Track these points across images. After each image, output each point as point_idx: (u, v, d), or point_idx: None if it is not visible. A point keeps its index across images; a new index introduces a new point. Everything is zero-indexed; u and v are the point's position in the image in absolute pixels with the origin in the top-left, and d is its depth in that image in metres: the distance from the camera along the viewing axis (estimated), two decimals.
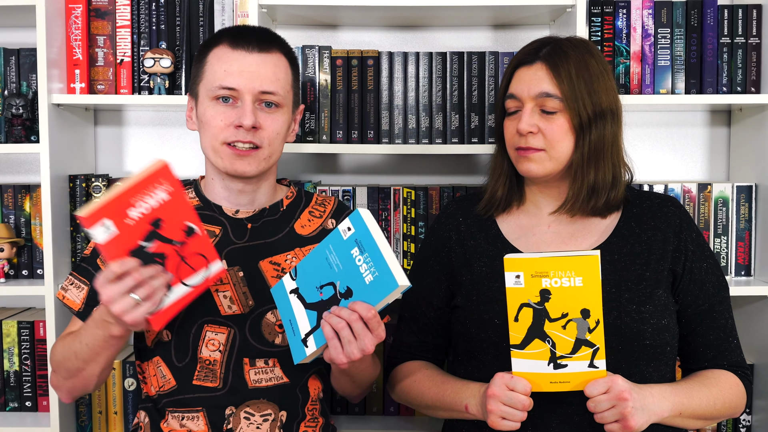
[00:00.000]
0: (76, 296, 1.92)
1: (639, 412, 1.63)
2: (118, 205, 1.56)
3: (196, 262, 1.68)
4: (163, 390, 1.87)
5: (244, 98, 1.82)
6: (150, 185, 1.59)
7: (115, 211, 1.56)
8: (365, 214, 1.63)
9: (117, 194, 1.56)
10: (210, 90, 1.85)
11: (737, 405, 1.87)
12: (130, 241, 1.59)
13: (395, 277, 1.56)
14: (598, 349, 1.61)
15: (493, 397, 1.66)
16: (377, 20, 2.72)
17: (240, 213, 1.94)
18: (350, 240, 1.63)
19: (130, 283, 1.56)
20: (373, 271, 1.59)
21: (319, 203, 2.03)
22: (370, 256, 1.59)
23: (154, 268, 1.59)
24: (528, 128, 1.81)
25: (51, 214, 2.40)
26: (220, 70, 1.84)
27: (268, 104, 1.85)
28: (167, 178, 1.61)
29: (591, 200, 1.85)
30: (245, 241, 1.91)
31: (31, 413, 2.57)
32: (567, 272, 1.59)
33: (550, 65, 1.82)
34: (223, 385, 1.83)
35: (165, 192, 1.60)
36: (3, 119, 2.51)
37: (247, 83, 1.82)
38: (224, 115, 1.83)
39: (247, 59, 1.84)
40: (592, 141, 1.82)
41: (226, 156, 1.84)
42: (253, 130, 1.82)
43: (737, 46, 2.52)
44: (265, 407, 1.84)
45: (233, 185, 1.92)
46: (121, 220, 1.57)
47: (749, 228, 2.56)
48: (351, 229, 1.63)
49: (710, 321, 1.87)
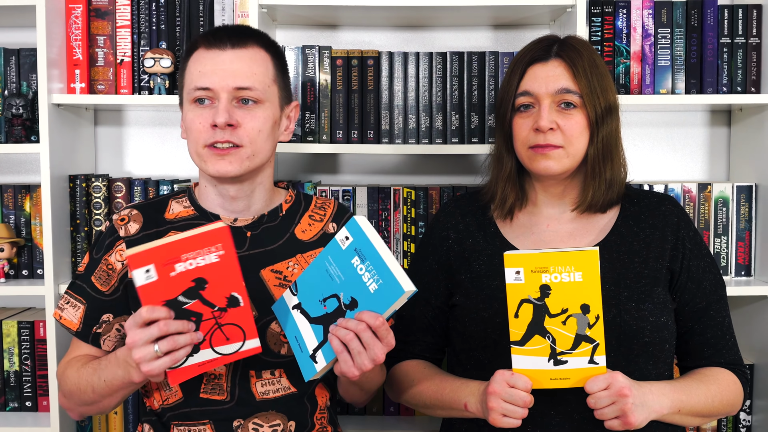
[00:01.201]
0: (73, 316, 1.86)
1: (639, 409, 1.63)
2: (166, 254, 1.52)
3: (232, 332, 1.61)
4: (167, 403, 1.83)
5: (219, 97, 1.76)
6: (204, 244, 1.53)
7: (162, 259, 1.52)
8: (362, 221, 1.60)
9: (169, 243, 1.52)
10: (188, 93, 1.80)
11: (735, 402, 1.87)
12: (168, 292, 1.55)
13: (400, 284, 1.53)
14: (598, 345, 1.61)
15: (493, 395, 1.65)
16: (377, 20, 2.72)
17: (238, 221, 1.88)
18: (349, 249, 1.59)
19: (155, 333, 1.52)
20: (377, 279, 1.56)
21: (319, 206, 1.98)
22: (372, 264, 1.56)
23: (183, 324, 1.54)
24: (549, 125, 1.79)
25: (51, 214, 2.41)
26: (196, 72, 1.79)
27: (245, 101, 1.79)
28: (224, 241, 1.54)
29: (607, 195, 1.86)
30: (245, 250, 1.84)
31: (31, 413, 2.57)
32: (567, 267, 1.59)
33: (567, 62, 1.82)
34: (231, 397, 1.79)
35: (217, 255, 1.54)
36: (3, 119, 2.51)
37: (219, 81, 1.76)
38: (202, 117, 1.77)
39: (220, 57, 1.78)
40: (604, 137, 1.83)
41: (208, 158, 1.78)
42: (230, 128, 1.76)
43: (737, 46, 2.52)
44: (274, 418, 1.80)
45: (225, 190, 1.85)
46: (166, 270, 1.52)
47: (749, 228, 2.56)
48: (349, 238, 1.59)
49: (707, 319, 1.87)
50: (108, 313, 1.85)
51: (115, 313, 1.85)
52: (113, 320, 1.85)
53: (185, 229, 1.82)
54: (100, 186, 2.54)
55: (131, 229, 1.85)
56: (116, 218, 1.88)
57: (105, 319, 1.85)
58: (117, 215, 1.89)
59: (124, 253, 1.50)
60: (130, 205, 1.93)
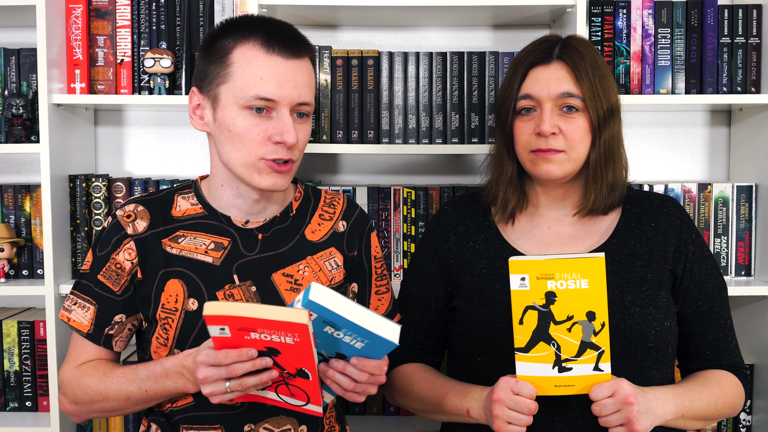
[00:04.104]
0: (83, 317, 1.80)
1: (644, 416, 1.62)
2: (243, 323, 1.49)
3: (297, 392, 1.61)
4: (176, 406, 1.80)
5: (281, 110, 1.69)
6: (283, 329, 1.48)
7: (238, 325, 1.49)
8: (316, 294, 1.48)
9: (248, 313, 1.48)
10: (242, 98, 1.68)
11: (736, 405, 1.87)
12: (239, 347, 1.55)
13: (388, 339, 1.50)
14: (603, 352, 1.60)
15: (498, 402, 1.64)
16: (377, 20, 2.72)
17: (250, 223, 1.82)
18: (318, 322, 1.50)
19: (224, 374, 1.54)
20: (361, 339, 1.53)
21: (329, 203, 1.94)
22: (350, 330, 1.51)
23: (256, 378, 1.55)
24: (551, 129, 1.77)
25: (51, 214, 2.40)
26: (255, 77, 1.68)
27: (300, 114, 1.73)
28: (302, 334, 1.47)
29: (609, 198, 1.85)
30: (256, 253, 1.80)
31: (31, 413, 2.57)
32: (573, 274, 1.58)
33: (570, 65, 1.80)
34: (242, 402, 1.75)
35: (293, 340, 1.49)
36: (3, 119, 2.50)
37: (287, 95, 1.68)
38: (260, 128, 1.69)
39: (283, 66, 1.69)
40: (606, 140, 1.81)
41: (264, 171, 1.71)
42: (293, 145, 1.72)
43: (737, 46, 2.52)
44: (285, 423, 1.79)
45: (250, 195, 1.79)
46: (241, 333, 1.51)
47: (749, 228, 2.57)
48: (312, 315, 1.48)
49: (710, 322, 1.87)
50: (121, 314, 1.80)
51: (128, 314, 1.81)
52: (126, 320, 1.81)
53: (195, 229, 1.81)
54: (100, 186, 2.54)
55: (139, 227, 1.80)
56: (121, 214, 1.81)
57: (118, 320, 1.80)
58: (121, 211, 1.82)
59: (205, 308, 1.48)
60: (133, 199, 1.86)
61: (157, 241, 1.79)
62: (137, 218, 1.81)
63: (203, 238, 1.80)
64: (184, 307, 1.75)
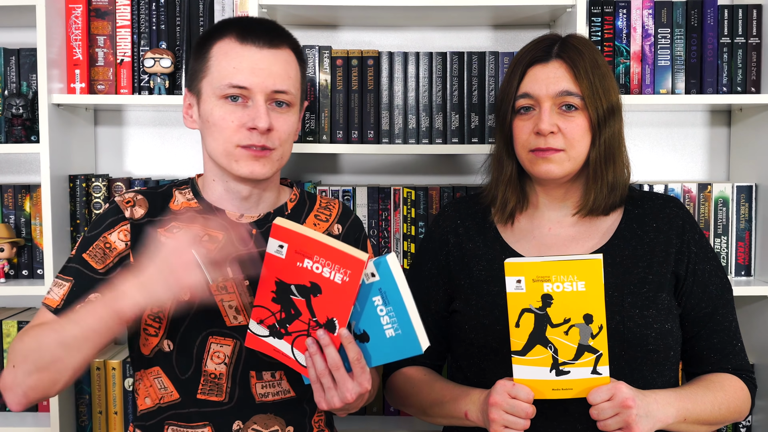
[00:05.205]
0: (56, 294, 1.73)
1: (643, 420, 1.61)
2: (304, 245, 1.51)
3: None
4: (163, 402, 1.78)
5: (255, 98, 1.72)
6: (340, 261, 1.50)
7: (298, 246, 1.51)
8: (393, 262, 1.51)
9: (312, 237, 1.51)
10: (218, 88, 1.73)
11: (742, 409, 1.84)
12: (286, 275, 1.57)
13: (420, 342, 1.51)
14: (601, 355, 1.59)
15: (495, 406, 1.63)
16: (377, 20, 2.72)
17: (244, 217, 1.84)
18: (373, 287, 1.53)
19: None
20: (396, 327, 1.53)
21: (324, 206, 1.95)
22: (395, 312, 1.52)
23: None
24: (550, 128, 1.76)
25: (51, 214, 2.41)
26: (229, 67, 1.72)
27: (279, 103, 1.75)
28: (354, 273, 1.50)
29: (609, 198, 1.84)
30: (250, 248, 1.80)
31: (31, 413, 2.57)
32: (569, 277, 1.57)
33: (568, 63, 1.79)
34: (229, 399, 1.76)
35: (342, 279, 1.51)
36: (3, 119, 2.50)
37: (259, 82, 1.71)
38: (235, 116, 1.72)
39: (257, 56, 1.73)
40: (606, 139, 1.80)
41: (242, 158, 1.73)
42: (267, 132, 1.72)
43: (737, 46, 2.52)
44: (273, 423, 1.78)
45: (240, 188, 1.81)
46: (295, 257, 1.53)
47: (749, 228, 2.56)
48: (375, 276, 1.52)
49: (714, 324, 1.84)
50: (96, 293, 1.71)
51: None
52: None
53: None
54: (100, 186, 2.54)
55: (136, 213, 1.80)
56: (120, 199, 1.82)
57: (92, 298, 1.70)
58: (120, 197, 1.83)
59: (276, 220, 1.53)
60: (133, 189, 1.88)
61: (153, 230, 1.79)
62: (136, 205, 1.83)
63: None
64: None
